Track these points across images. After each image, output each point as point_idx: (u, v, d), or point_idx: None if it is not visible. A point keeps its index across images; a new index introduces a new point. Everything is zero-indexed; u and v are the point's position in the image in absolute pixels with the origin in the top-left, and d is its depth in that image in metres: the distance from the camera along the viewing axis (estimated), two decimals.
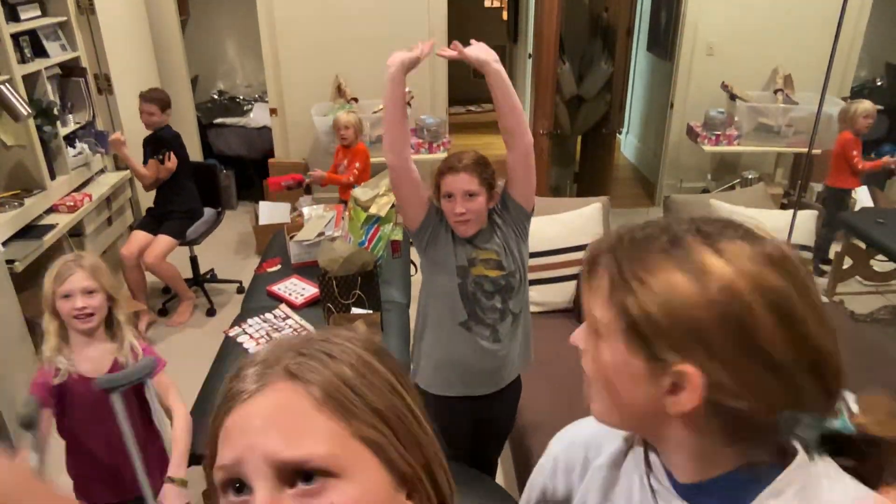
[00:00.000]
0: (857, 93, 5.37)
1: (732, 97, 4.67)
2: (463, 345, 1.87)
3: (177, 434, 1.78)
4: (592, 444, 0.80)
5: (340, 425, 0.50)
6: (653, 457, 0.72)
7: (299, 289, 2.90)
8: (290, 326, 2.62)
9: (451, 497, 0.57)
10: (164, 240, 3.67)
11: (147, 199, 4.02)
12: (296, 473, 0.48)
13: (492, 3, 8.35)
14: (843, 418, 0.67)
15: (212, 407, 0.55)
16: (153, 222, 3.75)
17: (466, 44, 1.76)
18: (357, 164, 3.83)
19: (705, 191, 4.70)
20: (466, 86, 8.68)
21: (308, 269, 3.04)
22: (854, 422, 0.67)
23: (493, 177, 1.82)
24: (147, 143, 3.65)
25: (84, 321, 1.72)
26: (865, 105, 3.90)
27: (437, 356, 1.92)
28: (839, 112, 4.02)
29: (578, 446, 0.82)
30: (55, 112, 3.44)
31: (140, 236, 3.68)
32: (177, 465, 1.74)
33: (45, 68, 3.43)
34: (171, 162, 3.64)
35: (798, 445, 0.65)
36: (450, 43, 1.77)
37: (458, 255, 1.82)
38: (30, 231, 3.17)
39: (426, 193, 1.79)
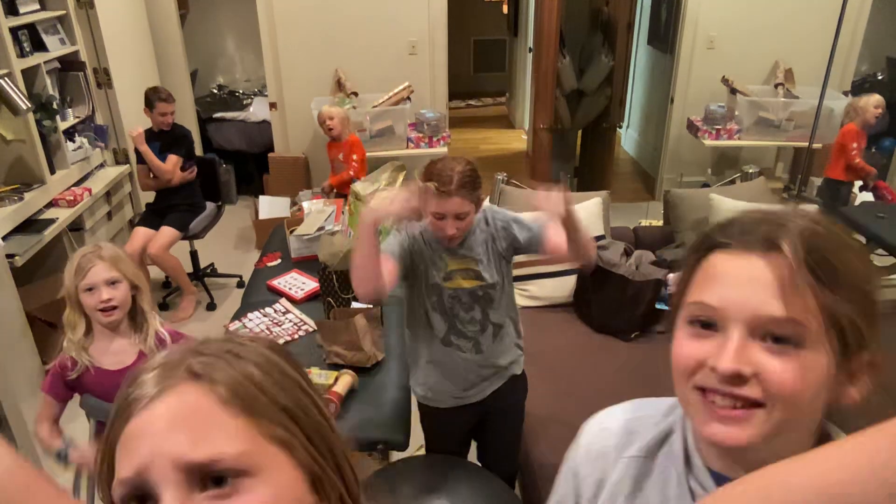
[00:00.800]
0: (858, 87, 5.36)
1: (733, 91, 4.66)
2: (446, 359, 1.85)
3: None
4: (625, 433, 0.79)
5: (249, 424, 0.48)
6: (695, 458, 0.70)
7: (299, 283, 2.90)
8: (291, 321, 2.62)
9: (359, 495, 0.57)
10: (167, 231, 3.68)
11: (146, 194, 4.02)
12: (206, 477, 0.46)
13: None
14: None
15: None
16: (155, 218, 3.75)
17: (466, 36, 1.73)
18: (354, 156, 3.82)
19: (705, 185, 4.69)
20: (466, 80, 8.68)
21: (308, 264, 3.04)
22: None
23: (480, 191, 1.74)
24: (155, 138, 3.64)
25: (108, 314, 1.70)
26: (877, 97, 3.91)
27: (423, 373, 1.91)
28: (847, 104, 4.02)
29: (611, 434, 0.80)
30: (54, 106, 3.43)
31: (142, 233, 3.68)
32: None
33: (45, 62, 3.42)
34: (192, 172, 3.71)
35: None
36: (450, 43, 1.72)
37: (434, 271, 1.77)
38: (30, 225, 3.16)
39: (392, 265, 1.69)
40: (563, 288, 3.00)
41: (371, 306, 2.50)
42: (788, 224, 0.61)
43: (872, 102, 3.87)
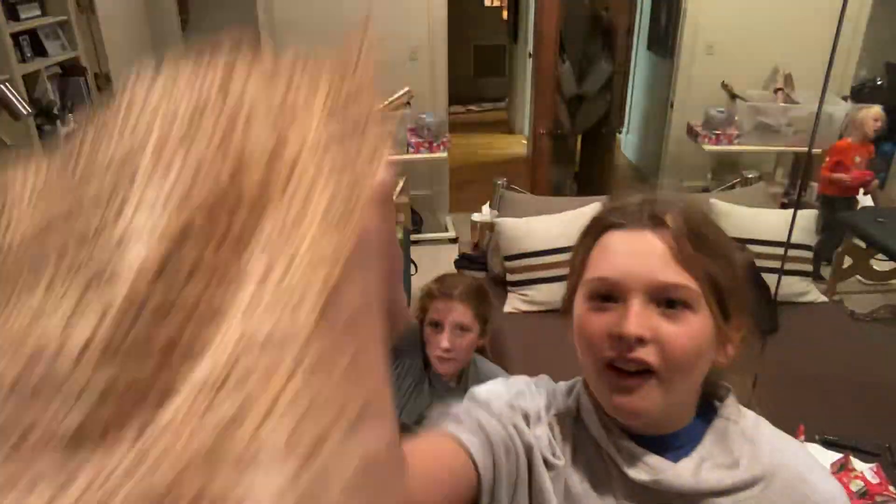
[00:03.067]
0: (858, 92, 5.36)
1: (733, 96, 4.66)
2: None
3: None
4: (549, 395, 0.80)
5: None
6: (606, 417, 0.73)
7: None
8: None
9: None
10: None
11: None
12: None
13: (492, 2, 8.34)
14: None
15: None
16: None
17: (466, 41, 1.70)
18: None
19: (705, 190, 4.69)
20: (466, 85, 8.68)
21: None
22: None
23: (488, 311, 1.60)
24: None
25: None
26: (876, 109, 3.86)
27: None
28: (846, 116, 3.99)
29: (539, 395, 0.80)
30: (55, 111, 3.43)
31: None
32: None
33: (45, 67, 3.42)
34: None
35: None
36: (450, 49, 1.66)
37: (413, 408, 1.53)
38: None
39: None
40: (562, 293, 2.99)
41: None
42: (669, 204, 0.69)
43: (872, 115, 3.81)
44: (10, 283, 0.21)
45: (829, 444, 2.15)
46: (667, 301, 0.65)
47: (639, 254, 0.67)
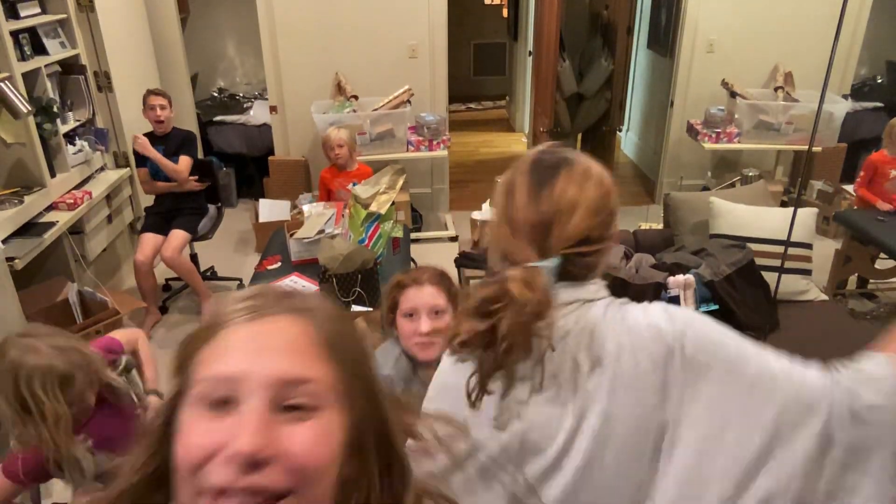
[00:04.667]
0: (858, 90, 5.37)
1: (733, 95, 4.66)
2: None
3: (147, 355, 1.97)
4: None
5: (331, 368, 0.55)
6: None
7: (299, 286, 2.90)
8: None
9: (406, 476, 0.60)
10: (179, 234, 3.68)
11: (146, 198, 4.02)
12: (283, 401, 0.52)
13: (492, 1, 8.33)
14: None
15: None
16: (160, 223, 3.75)
17: (466, 39, 1.70)
18: None
19: (705, 188, 4.69)
20: (466, 84, 8.68)
21: (308, 267, 3.04)
22: None
23: (457, 293, 1.60)
24: (158, 141, 3.65)
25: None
26: None
27: None
28: (887, 126, 3.67)
29: None
30: (55, 110, 3.43)
31: (151, 239, 3.67)
32: (154, 379, 1.93)
33: (45, 66, 3.42)
34: (201, 185, 3.79)
35: None
36: (450, 47, 1.67)
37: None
38: (30, 229, 3.16)
39: None
40: None
41: (371, 309, 2.50)
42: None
43: None
44: None
45: None
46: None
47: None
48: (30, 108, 3.08)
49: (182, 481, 0.52)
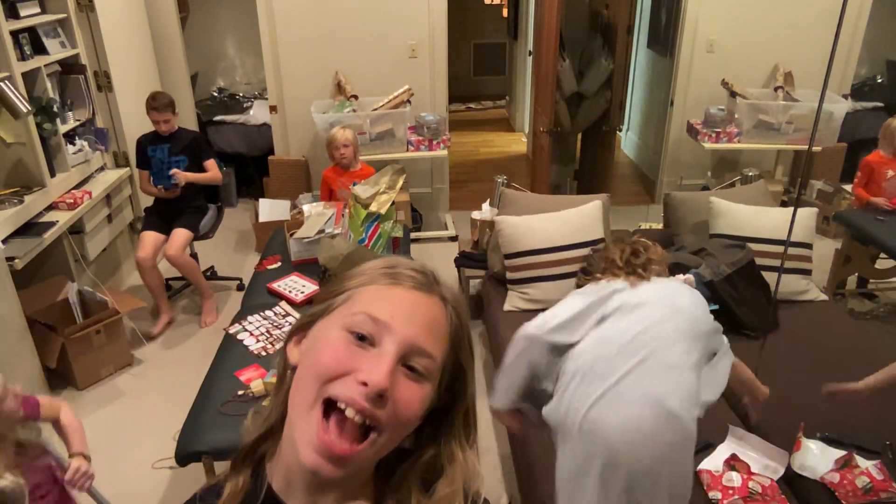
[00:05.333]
0: (858, 90, 5.37)
1: (733, 94, 4.66)
2: None
3: (72, 421, 1.86)
4: None
5: (445, 351, 0.68)
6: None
7: (299, 286, 2.90)
8: (291, 323, 2.62)
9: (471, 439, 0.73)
10: (182, 233, 3.67)
11: (146, 197, 4.02)
12: (408, 359, 0.64)
13: (492, 1, 8.33)
14: None
15: (212, 403, 0.55)
16: (161, 222, 3.74)
17: (466, 39, 1.73)
18: None
19: (705, 188, 4.69)
20: (466, 83, 8.69)
21: (308, 267, 3.04)
22: None
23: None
24: (163, 141, 3.64)
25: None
26: None
27: None
28: (884, 126, 3.68)
29: None
30: (55, 109, 3.43)
31: (151, 237, 3.66)
32: (81, 442, 1.84)
33: (45, 65, 3.42)
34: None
35: None
36: (450, 46, 1.72)
37: None
38: (30, 228, 3.16)
39: None
40: (562, 291, 2.99)
41: None
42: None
43: None
44: None
45: (830, 442, 2.15)
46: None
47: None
48: (30, 108, 3.08)
49: (307, 384, 0.64)
